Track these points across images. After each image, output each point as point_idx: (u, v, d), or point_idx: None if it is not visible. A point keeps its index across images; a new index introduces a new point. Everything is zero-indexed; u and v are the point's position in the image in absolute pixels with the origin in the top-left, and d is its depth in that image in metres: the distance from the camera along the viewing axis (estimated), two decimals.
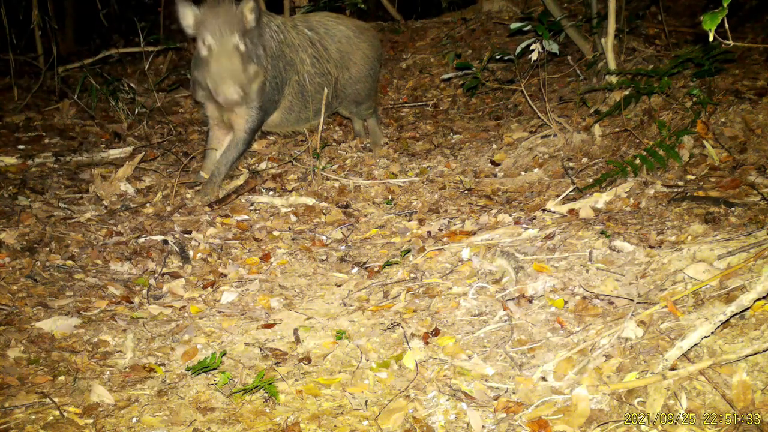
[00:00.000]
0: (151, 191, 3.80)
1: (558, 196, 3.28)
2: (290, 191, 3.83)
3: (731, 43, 1.93)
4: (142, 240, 3.21)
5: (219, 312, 2.66)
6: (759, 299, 1.94)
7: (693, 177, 3.17)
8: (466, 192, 3.66)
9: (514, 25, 3.87)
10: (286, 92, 3.91)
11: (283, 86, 3.86)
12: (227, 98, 3.46)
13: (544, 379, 2.07)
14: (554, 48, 3.69)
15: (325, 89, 3.97)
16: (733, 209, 2.77)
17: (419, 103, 5.18)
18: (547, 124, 4.00)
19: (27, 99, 5.00)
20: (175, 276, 2.97)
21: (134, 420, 1.99)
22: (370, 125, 4.50)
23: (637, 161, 3.28)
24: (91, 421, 1.98)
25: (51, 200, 3.55)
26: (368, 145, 4.50)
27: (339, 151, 4.42)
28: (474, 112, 4.86)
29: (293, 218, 3.57)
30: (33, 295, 2.69)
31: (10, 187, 3.63)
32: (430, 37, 6.09)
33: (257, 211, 3.64)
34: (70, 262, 2.99)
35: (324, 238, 3.34)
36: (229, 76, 3.44)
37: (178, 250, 3.17)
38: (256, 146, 4.40)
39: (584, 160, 3.71)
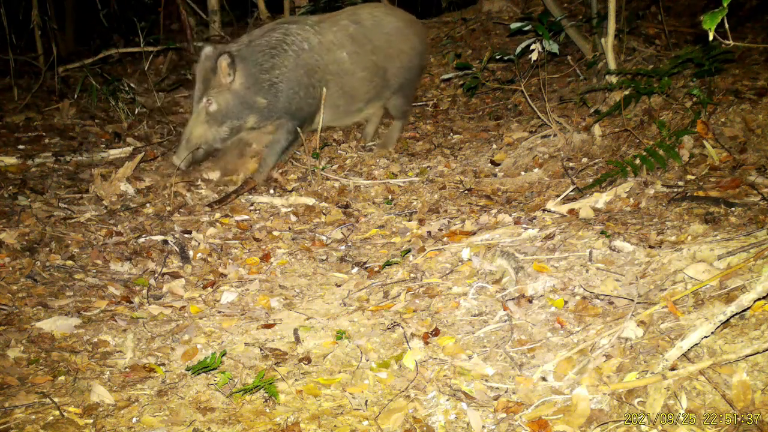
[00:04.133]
0: (151, 191, 3.80)
1: (558, 196, 3.27)
2: (290, 191, 3.84)
3: (731, 43, 1.93)
4: (142, 240, 3.22)
5: (219, 312, 2.66)
6: (759, 299, 1.94)
7: (693, 177, 3.17)
8: (466, 192, 3.66)
9: (514, 25, 3.87)
10: (326, 94, 4.00)
11: (313, 94, 3.94)
12: (173, 163, 3.81)
13: (544, 379, 2.07)
14: (554, 48, 3.69)
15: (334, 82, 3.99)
16: (733, 209, 2.77)
17: (419, 103, 5.18)
18: (547, 124, 4.00)
19: (27, 99, 5.01)
20: (175, 276, 2.97)
21: (134, 420, 1.99)
22: (393, 126, 4.50)
23: (637, 161, 3.27)
24: (91, 421, 1.98)
25: (51, 200, 3.55)
26: (369, 145, 4.50)
27: (339, 151, 4.42)
28: (474, 112, 4.86)
29: (293, 218, 3.57)
30: (33, 295, 2.69)
31: (10, 187, 3.63)
32: (430, 37, 6.09)
33: (257, 211, 3.64)
34: (70, 262, 2.99)
35: (324, 238, 3.34)
36: (184, 144, 3.76)
37: (178, 250, 3.17)
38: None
39: (584, 160, 3.71)
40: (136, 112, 4.80)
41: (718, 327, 1.94)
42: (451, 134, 4.57)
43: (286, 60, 3.85)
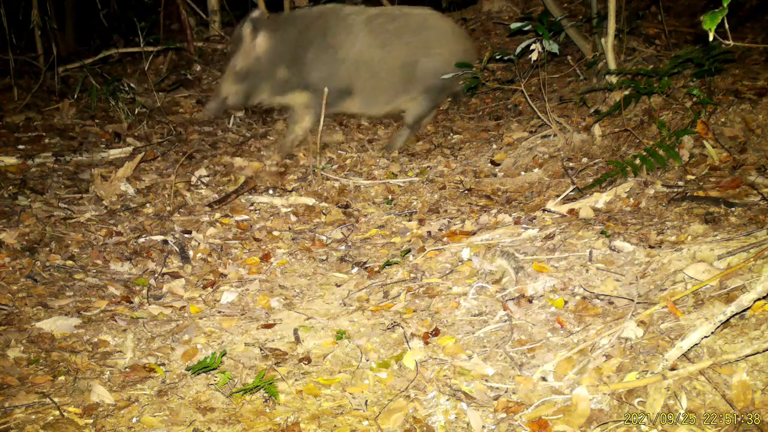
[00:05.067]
0: (151, 191, 3.80)
1: (558, 196, 3.27)
2: (290, 191, 3.84)
3: (731, 43, 1.93)
4: (142, 240, 3.22)
5: (219, 312, 2.66)
6: (759, 299, 1.94)
7: (693, 177, 3.17)
8: (466, 192, 3.66)
9: (514, 25, 3.86)
10: (349, 80, 4.19)
11: (327, 77, 4.14)
12: (205, 111, 4.43)
13: (544, 379, 2.07)
14: (554, 48, 3.68)
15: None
16: (733, 209, 2.77)
17: None
18: (547, 124, 4.00)
19: (27, 99, 5.00)
20: (175, 276, 2.97)
21: (134, 420, 1.99)
22: (401, 132, 4.45)
23: (637, 161, 3.27)
24: (91, 421, 1.98)
25: (51, 200, 3.55)
26: (368, 144, 4.49)
27: (339, 151, 4.42)
28: (474, 112, 4.86)
29: (293, 218, 3.57)
30: (33, 295, 2.69)
31: (10, 187, 3.63)
32: None
33: (257, 211, 3.64)
34: (70, 262, 2.99)
35: (324, 238, 3.34)
36: (214, 97, 4.28)
37: (178, 250, 3.17)
38: (255, 147, 4.41)
39: (584, 160, 3.71)
40: (136, 112, 4.79)
41: (718, 327, 1.94)
42: (451, 134, 4.56)
43: (311, 45, 4.13)
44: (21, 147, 4.27)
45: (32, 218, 3.27)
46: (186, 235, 3.30)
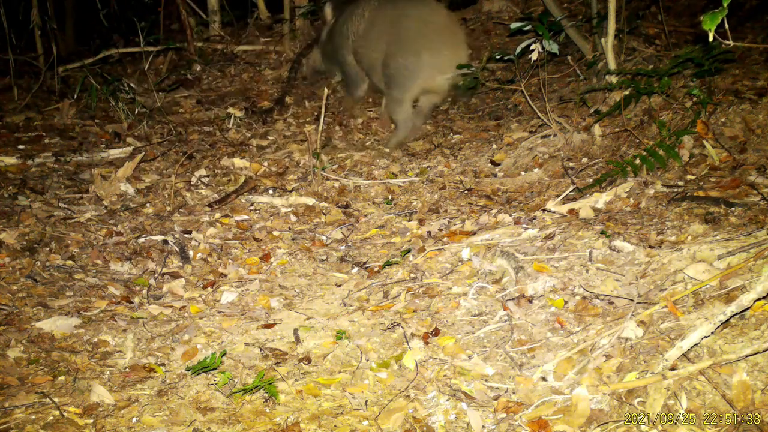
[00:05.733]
0: (151, 191, 3.80)
1: (558, 196, 3.27)
2: (290, 191, 3.84)
3: (731, 43, 1.93)
4: (142, 240, 3.22)
5: (219, 312, 2.66)
6: (759, 299, 1.94)
7: (693, 177, 3.17)
8: (466, 192, 3.66)
9: (514, 25, 3.86)
10: (356, 65, 4.66)
11: (344, 57, 4.64)
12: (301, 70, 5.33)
13: (544, 379, 2.07)
14: (554, 48, 3.68)
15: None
16: (733, 209, 2.76)
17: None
18: (547, 124, 4.00)
19: (27, 99, 5.01)
20: (175, 276, 2.97)
21: (134, 420, 1.99)
22: (394, 129, 4.54)
23: (637, 161, 3.27)
24: (91, 421, 1.98)
25: (51, 200, 3.55)
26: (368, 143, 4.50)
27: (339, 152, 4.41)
28: (474, 112, 4.85)
29: (293, 218, 3.57)
30: (33, 295, 2.70)
31: (10, 187, 3.63)
32: None
33: (257, 211, 3.64)
34: (70, 262, 2.99)
35: (324, 238, 3.34)
36: (307, 58, 5.28)
37: (178, 250, 3.17)
38: (255, 147, 4.41)
39: (584, 160, 3.71)
40: (136, 112, 4.79)
41: (718, 327, 1.94)
42: (451, 134, 4.56)
43: (337, 30, 4.58)
44: (21, 147, 4.27)
45: (32, 218, 3.27)
46: (186, 235, 3.30)
